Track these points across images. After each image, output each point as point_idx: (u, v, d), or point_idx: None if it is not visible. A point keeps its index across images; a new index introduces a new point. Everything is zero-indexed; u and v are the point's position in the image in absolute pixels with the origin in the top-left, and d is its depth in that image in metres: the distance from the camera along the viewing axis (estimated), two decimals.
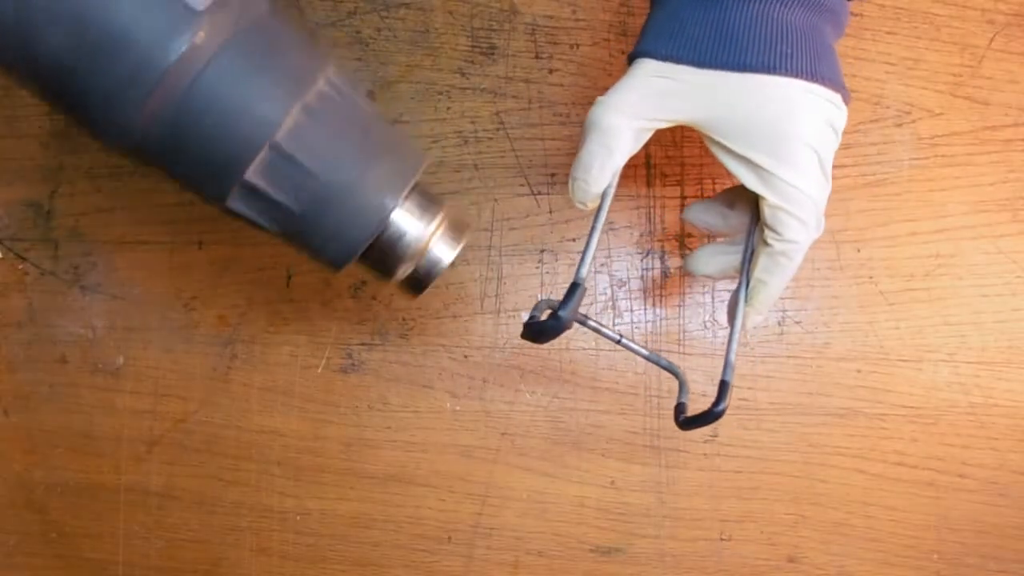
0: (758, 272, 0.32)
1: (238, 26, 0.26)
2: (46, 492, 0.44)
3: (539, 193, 0.43)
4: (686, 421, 0.33)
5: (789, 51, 0.29)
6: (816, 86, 0.30)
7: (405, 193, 0.30)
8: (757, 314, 0.33)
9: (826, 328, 0.42)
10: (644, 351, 0.36)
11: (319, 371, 0.43)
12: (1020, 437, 0.41)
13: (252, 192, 0.29)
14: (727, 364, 0.32)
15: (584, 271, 0.31)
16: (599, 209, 0.33)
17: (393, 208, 0.30)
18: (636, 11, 0.43)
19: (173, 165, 0.28)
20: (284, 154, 0.27)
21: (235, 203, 0.29)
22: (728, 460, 0.42)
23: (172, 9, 0.25)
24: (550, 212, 0.43)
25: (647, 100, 0.31)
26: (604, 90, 0.42)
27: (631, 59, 0.32)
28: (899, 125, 0.42)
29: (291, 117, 0.27)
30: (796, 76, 0.29)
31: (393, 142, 0.31)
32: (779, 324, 0.42)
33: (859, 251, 0.42)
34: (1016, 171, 0.41)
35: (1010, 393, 0.41)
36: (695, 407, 0.42)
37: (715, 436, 0.42)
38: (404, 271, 0.32)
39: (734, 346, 0.33)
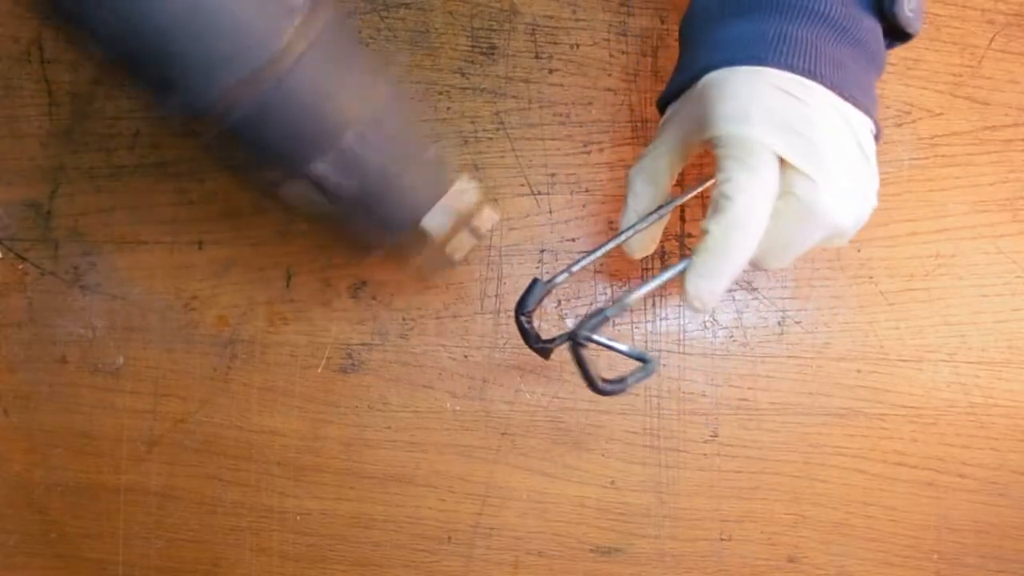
0: (704, 221, 0.30)
1: (326, 24, 0.28)
2: (46, 492, 0.44)
3: (539, 193, 0.43)
4: (609, 384, 0.31)
5: (739, 45, 0.31)
6: (749, 67, 0.30)
7: (451, 178, 0.33)
8: (700, 276, 0.29)
9: (826, 328, 0.42)
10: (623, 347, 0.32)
11: (319, 371, 0.43)
12: (1020, 437, 0.41)
13: (314, 179, 0.30)
14: (621, 299, 0.30)
15: (560, 278, 0.33)
16: (615, 236, 0.34)
17: (431, 203, 0.32)
18: (636, 11, 0.43)
19: (242, 145, 0.30)
20: (352, 147, 0.29)
21: (290, 188, 0.30)
22: (728, 460, 0.42)
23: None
24: (550, 212, 0.43)
25: (651, 149, 0.34)
26: (604, 90, 0.43)
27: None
28: (899, 125, 0.42)
29: (370, 105, 0.30)
30: (729, 65, 0.31)
31: (430, 144, 0.33)
32: (779, 324, 0.42)
33: (859, 251, 0.42)
34: (1016, 171, 0.41)
35: (1010, 393, 0.41)
36: (692, 407, 0.42)
37: (715, 436, 0.42)
38: (425, 257, 0.35)
39: (641, 290, 0.30)
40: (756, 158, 0.29)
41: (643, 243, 0.35)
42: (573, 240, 0.42)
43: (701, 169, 0.42)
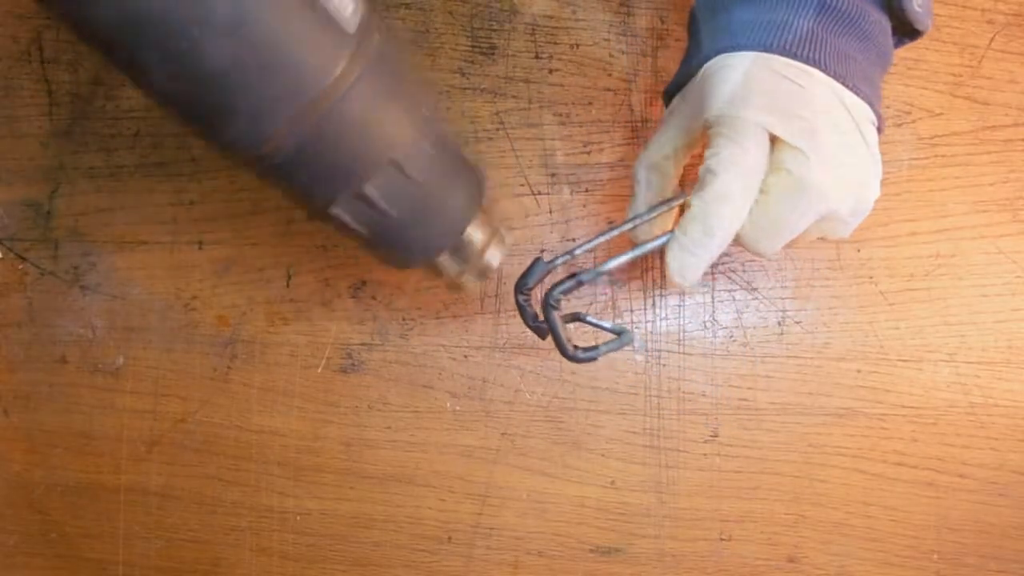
0: (691, 196, 0.31)
1: (375, 49, 0.28)
2: (46, 492, 0.44)
3: (539, 193, 0.43)
4: (581, 351, 0.32)
5: (741, 32, 0.31)
6: (741, 53, 0.31)
7: (480, 206, 0.33)
8: (682, 250, 0.30)
9: (826, 328, 0.42)
10: (605, 324, 0.35)
11: (319, 371, 0.43)
12: (1020, 437, 0.41)
13: (361, 202, 0.30)
14: (597, 267, 0.31)
15: (562, 259, 0.33)
16: (621, 223, 0.34)
17: (472, 219, 0.33)
18: (636, 11, 0.43)
19: (290, 175, 0.29)
20: (400, 170, 0.29)
21: (339, 211, 0.30)
22: (728, 460, 0.42)
23: (330, 31, 0.26)
24: (550, 212, 0.43)
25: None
26: (604, 90, 0.43)
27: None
28: (899, 125, 0.42)
29: (418, 125, 0.30)
30: (732, 51, 0.31)
31: (467, 159, 0.34)
32: (779, 324, 0.42)
33: (859, 251, 0.42)
34: (1016, 171, 0.41)
35: (1010, 393, 0.41)
36: (692, 407, 0.42)
37: (715, 436, 0.42)
38: (460, 272, 0.35)
39: (619, 259, 0.31)
40: (744, 134, 0.29)
41: (651, 233, 0.35)
42: (573, 240, 0.42)
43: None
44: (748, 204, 0.29)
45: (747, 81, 0.30)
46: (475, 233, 0.33)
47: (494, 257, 0.35)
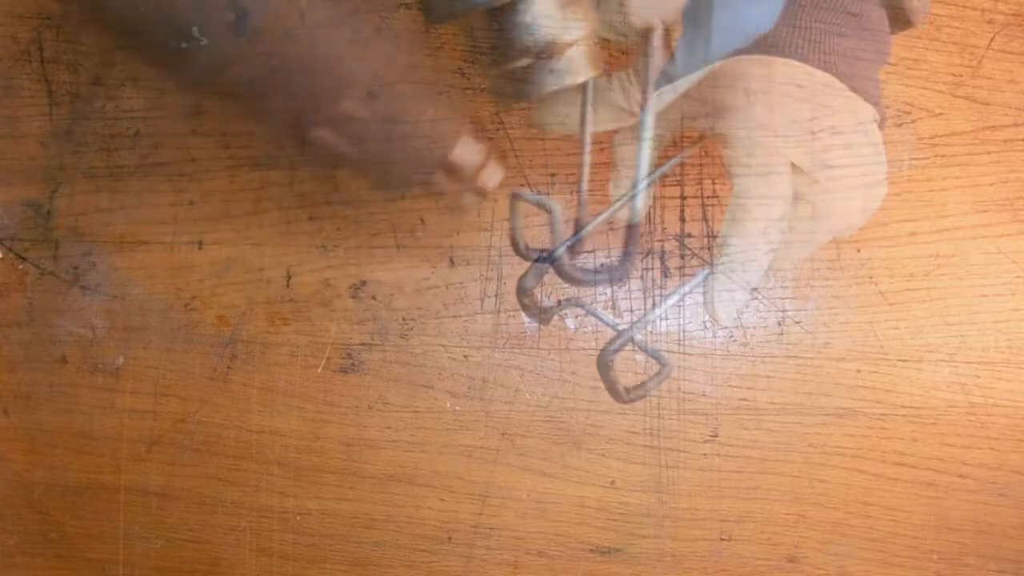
0: (723, 231, 0.31)
1: None
2: (46, 492, 0.44)
3: (539, 193, 0.43)
4: (632, 393, 0.33)
5: (751, 31, 0.31)
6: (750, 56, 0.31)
7: (465, 126, 0.34)
8: (726, 290, 0.31)
9: (826, 328, 0.42)
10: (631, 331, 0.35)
11: (319, 371, 0.43)
12: (1020, 437, 0.41)
13: (345, 119, 0.31)
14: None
15: (559, 251, 0.34)
16: (609, 207, 0.35)
17: (459, 138, 0.33)
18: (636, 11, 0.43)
19: (271, 94, 0.31)
20: (382, 80, 0.31)
21: (321, 132, 0.31)
22: (728, 460, 0.42)
23: None
24: (550, 212, 0.43)
25: None
26: None
27: None
28: (899, 125, 0.42)
29: (386, 47, 0.31)
30: (742, 53, 0.31)
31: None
32: (779, 324, 0.42)
33: (859, 251, 0.42)
34: (1016, 171, 0.41)
35: (1010, 393, 0.41)
36: (692, 407, 0.42)
37: (715, 436, 0.42)
38: (457, 192, 0.36)
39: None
40: (773, 168, 0.29)
41: (636, 208, 0.36)
42: None
43: (701, 169, 0.42)
44: (781, 236, 0.30)
45: (767, 96, 0.30)
46: (466, 150, 0.34)
47: (492, 176, 0.35)
